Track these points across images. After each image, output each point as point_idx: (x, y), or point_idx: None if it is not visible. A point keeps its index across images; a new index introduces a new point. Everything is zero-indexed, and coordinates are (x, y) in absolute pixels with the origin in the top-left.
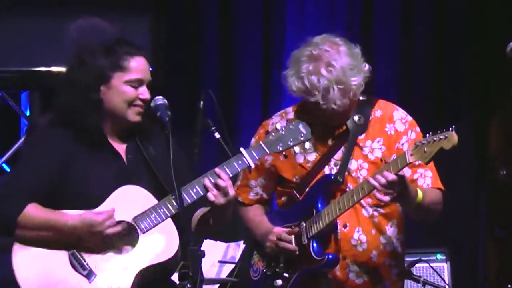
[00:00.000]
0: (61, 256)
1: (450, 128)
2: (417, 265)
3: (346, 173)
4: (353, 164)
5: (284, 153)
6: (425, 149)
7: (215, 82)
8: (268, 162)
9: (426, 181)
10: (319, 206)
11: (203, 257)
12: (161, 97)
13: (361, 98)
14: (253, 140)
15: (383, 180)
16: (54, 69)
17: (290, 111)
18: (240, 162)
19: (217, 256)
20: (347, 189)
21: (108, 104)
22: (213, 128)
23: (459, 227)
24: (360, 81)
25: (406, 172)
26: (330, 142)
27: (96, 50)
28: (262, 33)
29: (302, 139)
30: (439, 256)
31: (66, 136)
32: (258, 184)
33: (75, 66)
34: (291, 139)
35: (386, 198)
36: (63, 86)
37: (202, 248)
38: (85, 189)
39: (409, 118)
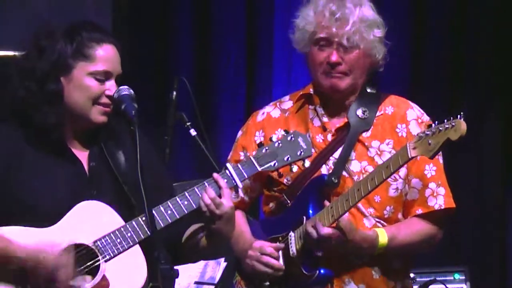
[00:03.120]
0: None
1: (459, 116)
2: (431, 286)
3: (346, 174)
4: (354, 166)
5: (279, 171)
6: (430, 142)
7: (189, 68)
8: None
9: (438, 201)
10: (310, 212)
11: (177, 277)
12: (126, 87)
13: (368, 90)
14: (239, 133)
15: (315, 235)
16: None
17: (286, 100)
18: (225, 181)
19: (194, 277)
20: None
21: (68, 100)
22: (187, 123)
23: (482, 241)
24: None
25: (416, 183)
26: (329, 137)
27: (57, 33)
28: (245, 8)
29: (301, 155)
30: (457, 276)
31: (12, 132)
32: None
33: (31, 51)
34: (288, 156)
35: (320, 253)
36: (13, 74)
37: (175, 267)
38: (34, 200)
39: (426, 117)
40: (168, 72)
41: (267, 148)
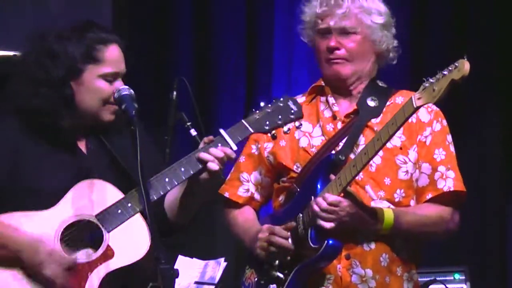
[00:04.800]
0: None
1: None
2: (431, 286)
3: (353, 155)
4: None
5: (273, 132)
6: (434, 88)
7: (189, 68)
8: (268, 150)
9: (447, 183)
10: (318, 189)
11: (177, 277)
12: (126, 87)
13: (380, 84)
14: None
15: (323, 204)
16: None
17: (300, 96)
18: (220, 146)
19: (194, 277)
20: None
21: (80, 102)
22: (188, 123)
23: (482, 241)
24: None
25: (426, 168)
26: (339, 125)
27: (65, 36)
28: (245, 9)
29: (292, 116)
30: (457, 276)
31: (14, 125)
32: (251, 179)
33: (44, 57)
34: (280, 117)
35: (328, 225)
36: (24, 79)
37: (175, 267)
38: (36, 183)
39: (435, 107)
40: (168, 72)
41: (258, 112)
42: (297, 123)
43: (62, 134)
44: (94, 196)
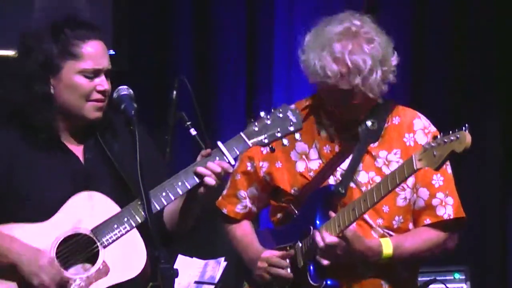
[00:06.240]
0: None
1: (463, 128)
2: (431, 286)
3: (353, 185)
4: (362, 176)
5: (271, 146)
6: (435, 153)
7: (189, 68)
8: (264, 169)
9: (447, 210)
10: (317, 222)
11: (177, 277)
12: (125, 86)
13: (378, 100)
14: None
15: (321, 243)
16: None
17: (293, 108)
18: (217, 159)
19: (194, 276)
20: None
21: (60, 99)
22: (188, 123)
23: (483, 241)
24: (396, 63)
25: (423, 193)
26: (337, 148)
27: (41, 33)
28: (245, 8)
29: (292, 129)
30: (457, 276)
31: (10, 132)
32: (248, 195)
33: (19, 53)
34: (279, 130)
35: (325, 262)
36: (6, 77)
37: (175, 267)
38: (32, 193)
39: (433, 128)
40: (168, 72)
41: (256, 124)
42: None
43: (41, 133)
44: (90, 209)
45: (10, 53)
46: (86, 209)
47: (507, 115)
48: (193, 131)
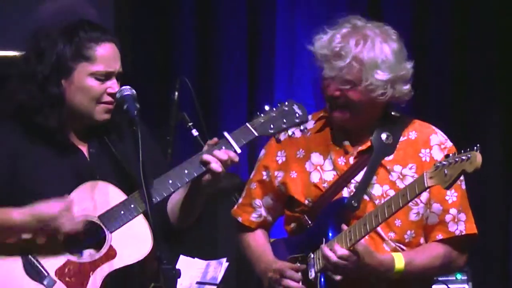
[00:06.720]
0: (14, 263)
1: (475, 147)
2: (433, 286)
3: (367, 197)
4: (376, 189)
5: (276, 136)
6: (446, 172)
7: (191, 68)
8: (279, 179)
9: (459, 227)
10: (329, 235)
11: (179, 277)
12: (128, 87)
13: (392, 113)
14: (262, 152)
15: (333, 258)
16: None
17: (308, 119)
18: (224, 148)
19: (195, 277)
20: None
21: (71, 101)
22: (189, 123)
23: (485, 241)
24: (403, 73)
25: (437, 209)
26: (351, 160)
27: (55, 35)
28: (246, 8)
29: (297, 120)
30: (459, 276)
31: (15, 130)
32: (263, 204)
33: (31, 54)
34: (285, 121)
35: (337, 277)
36: (15, 78)
37: (177, 267)
38: (39, 188)
39: (449, 144)
40: (170, 73)
41: (263, 116)
42: (301, 127)
43: (52, 134)
44: (97, 197)
45: (10, 53)
46: (93, 197)
47: (508, 115)
48: (194, 132)
